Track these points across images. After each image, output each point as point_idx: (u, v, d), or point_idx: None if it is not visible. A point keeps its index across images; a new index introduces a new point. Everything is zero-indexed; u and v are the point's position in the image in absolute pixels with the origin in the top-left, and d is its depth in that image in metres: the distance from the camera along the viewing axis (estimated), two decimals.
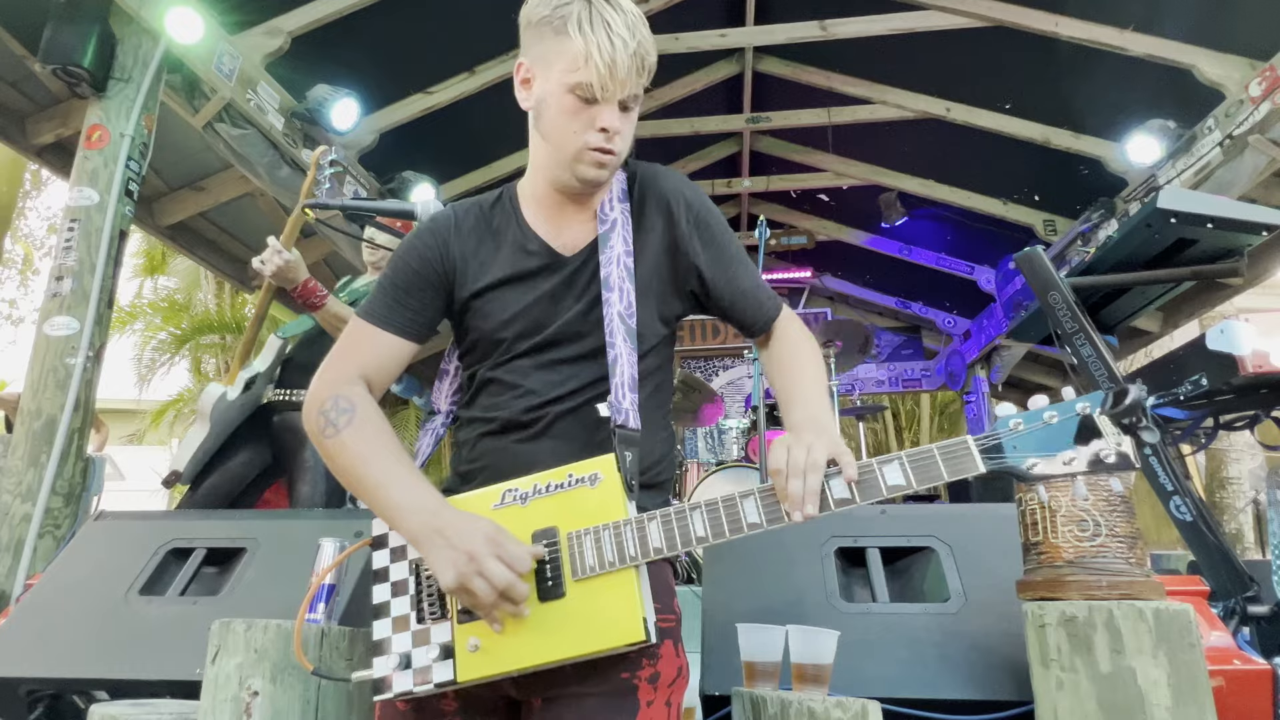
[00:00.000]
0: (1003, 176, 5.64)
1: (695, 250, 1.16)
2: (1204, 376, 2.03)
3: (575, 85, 1.04)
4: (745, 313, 1.21)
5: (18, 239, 11.97)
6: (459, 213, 1.19)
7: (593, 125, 1.05)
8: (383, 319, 1.13)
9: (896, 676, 1.42)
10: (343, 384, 1.08)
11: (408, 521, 0.97)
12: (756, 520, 0.94)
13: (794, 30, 4.92)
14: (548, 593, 0.94)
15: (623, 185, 1.18)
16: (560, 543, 0.96)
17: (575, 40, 1.03)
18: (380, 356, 1.12)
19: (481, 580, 0.90)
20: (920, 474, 0.92)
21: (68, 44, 3.15)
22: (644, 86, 1.08)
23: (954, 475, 0.91)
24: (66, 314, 3.01)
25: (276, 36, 3.96)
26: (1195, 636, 1.16)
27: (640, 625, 0.91)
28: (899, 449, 6.64)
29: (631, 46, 1.03)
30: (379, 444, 1.03)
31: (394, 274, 1.15)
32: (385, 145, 4.82)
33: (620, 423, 1.03)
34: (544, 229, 1.16)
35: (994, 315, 6.66)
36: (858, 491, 0.93)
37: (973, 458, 0.92)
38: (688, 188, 1.19)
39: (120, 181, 3.20)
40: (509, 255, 1.15)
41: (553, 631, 0.93)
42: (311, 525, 1.85)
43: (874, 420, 11.30)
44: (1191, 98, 4.13)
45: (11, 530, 2.80)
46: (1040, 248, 2.21)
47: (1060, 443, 0.91)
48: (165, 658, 1.58)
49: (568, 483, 0.99)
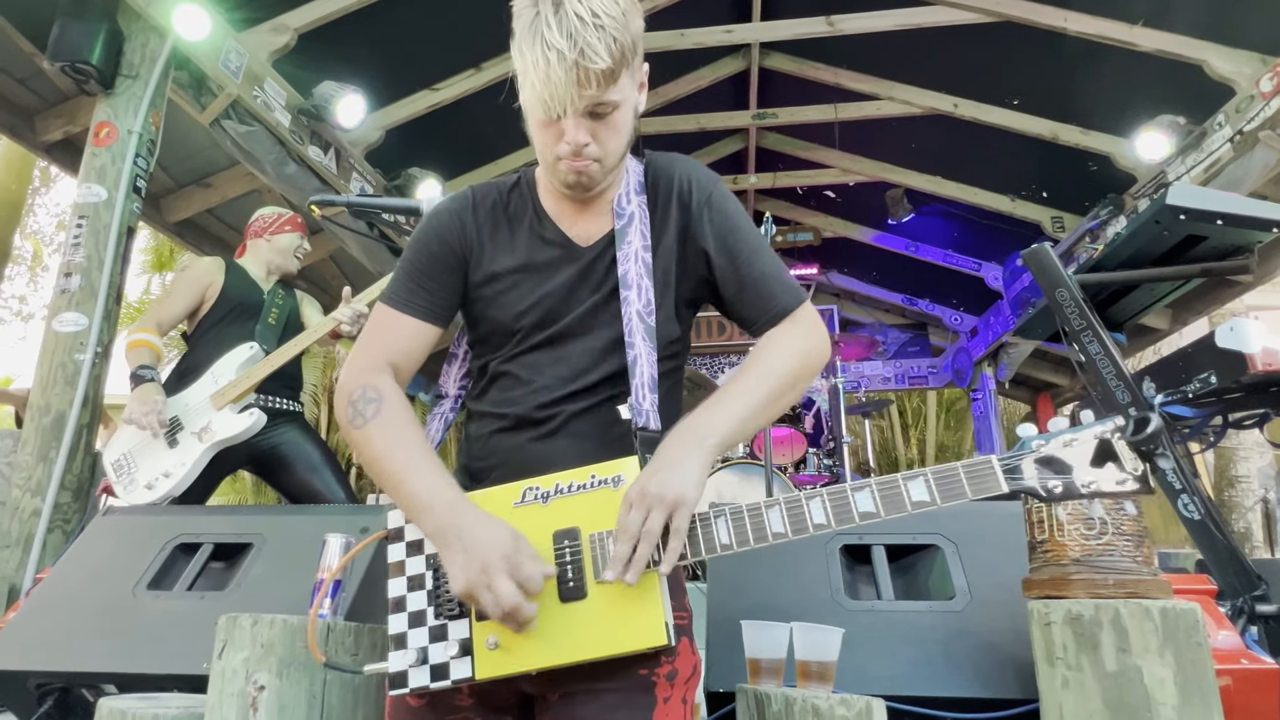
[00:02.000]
0: (1010, 173, 5.62)
1: (704, 233, 1.11)
2: (1213, 374, 2.02)
3: (531, 103, 1.01)
4: (751, 303, 1.11)
5: (27, 235, 12.05)
6: (477, 194, 1.17)
7: (560, 138, 1.02)
8: (404, 303, 1.12)
9: (901, 674, 1.41)
10: (371, 373, 1.08)
11: (426, 516, 0.96)
12: (781, 530, 0.94)
13: (800, 26, 4.90)
14: (569, 594, 0.94)
15: (639, 177, 1.15)
16: (582, 544, 0.96)
17: (517, 59, 0.99)
18: (404, 342, 1.12)
19: (489, 594, 0.90)
20: (945, 491, 0.93)
21: (76, 41, 3.17)
22: (607, 93, 0.98)
23: (977, 494, 0.93)
24: (75, 310, 3.03)
25: (283, 33, 3.97)
26: (1202, 635, 1.16)
27: (663, 629, 0.91)
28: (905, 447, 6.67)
29: (571, 58, 0.94)
30: (404, 436, 1.02)
31: (413, 256, 1.14)
32: (391, 142, 4.83)
33: (642, 424, 1.03)
34: (561, 217, 1.14)
35: (1001, 312, 6.63)
36: (882, 506, 0.93)
37: (996, 477, 0.93)
38: (700, 171, 1.16)
39: (128, 178, 3.21)
40: (525, 242, 1.13)
41: (573, 633, 0.93)
42: (317, 520, 1.86)
43: (880, 417, 11.29)
44: (1201, 93, 4.10)
45: (21, 525, 2.82)
46: (1048, 244, 2.19)
47: (1080, 465, 0.94)
48: (173, 652, 1.59)
49: (590, 483, 0.98)
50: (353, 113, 4.19)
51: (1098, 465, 0.92)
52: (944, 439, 11.56)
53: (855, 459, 8.14)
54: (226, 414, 2.64)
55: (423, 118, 4.83)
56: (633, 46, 0.99)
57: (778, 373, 1.04)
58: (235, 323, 2.84)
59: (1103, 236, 5.00)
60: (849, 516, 0.93)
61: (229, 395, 2.64)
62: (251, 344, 2.74)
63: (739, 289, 1.11)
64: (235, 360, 2.70)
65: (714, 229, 1.11)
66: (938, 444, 11.48)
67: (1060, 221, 5.55)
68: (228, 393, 2.64)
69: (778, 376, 1.04)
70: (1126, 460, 0.91)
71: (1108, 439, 0.93)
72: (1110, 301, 2.35)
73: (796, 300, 1.10)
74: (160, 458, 2.62)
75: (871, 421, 6.25)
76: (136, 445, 2.64)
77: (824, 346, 1.10)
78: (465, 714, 1.01)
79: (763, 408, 1.02)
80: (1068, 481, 0.93)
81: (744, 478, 4.18)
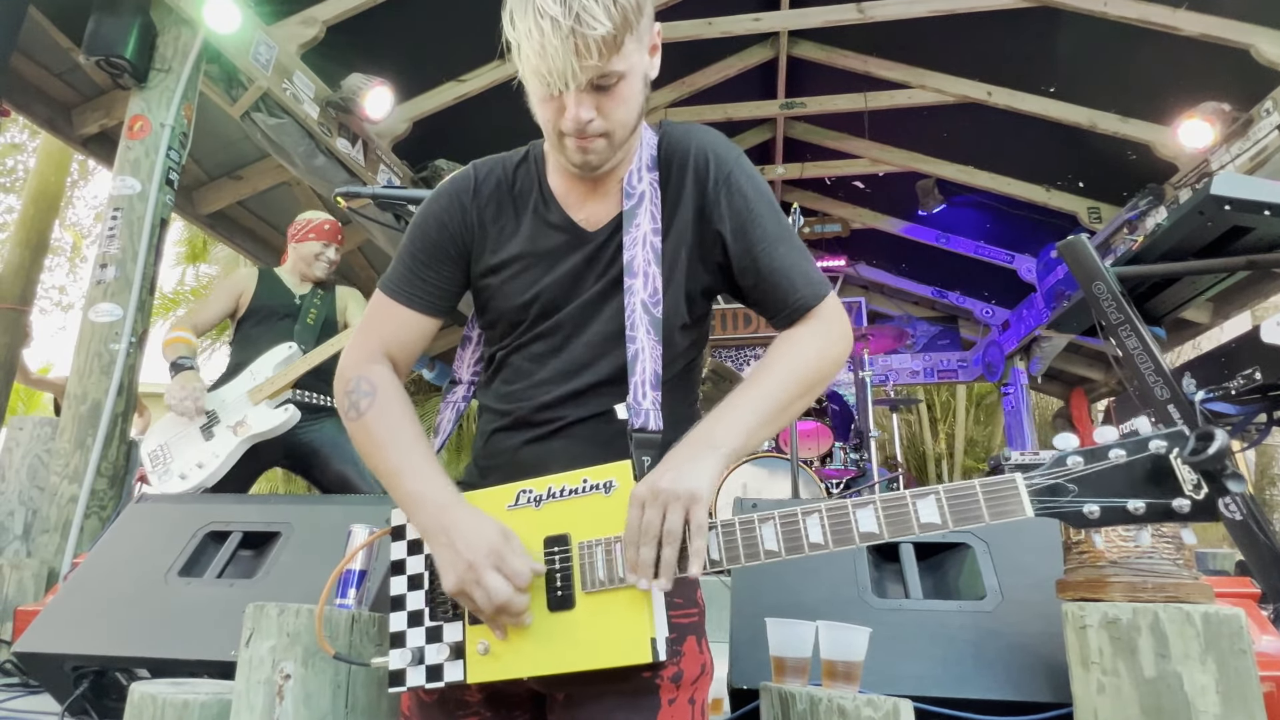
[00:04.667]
0: (1045, 162, 5.49)
1: (721, 216, 1.02)
2: (1258, 370, 1.95)
3: (528, 77, 0.94)
4: (769, 296, 1.03)
5: (66, 227, 12.34)
6: (479, 174, 1.11)
7: (562, 114, 0.94)
8: (402, 293, 1.08)
9: (929, 675, 1.39)
10: (366, 364, 1.06)
11: (418, 514, 0.96)
12: (775, 548, 0.89)
13: (830, 13, 4.82)
14: (557, 603, 0.92)
15: (653, 152, 1.07)
16: (572, 551, 0.93)
17: (510, 33, 0.91)
18: (401, 333, 1.09)
19: (480, 590, 0.89)
20: (958, 514, 0.84)
21: (110, 36, 3.22)
22: (610, 62, 0.90)
23: (997, 518, 0.83)
24: (110, 300, 3.09)
25: (311, 26, 4.00)
26: (1246, 642, 1.12)
27: (648, 647, 0.87)
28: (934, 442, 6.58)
29: (566, 25, 0.86)
30: (398, 429, 1.01)
31: (412, 243, 1.09)
32: (418, 133, 4.86)
33: (639, 425, 0.96)
34: (566, 198, 1.07)
35: (1034, 305, 6.50)
36: (886, 528, 0.86)
37: (1020, 500, 0.82)
38: (719, 145, 1.05)
39: (161, 171, 3.26)
40: (530, 227, 1.07)
41: (560, 642, 0.91)
42: (344, 510, 1.87)
43: (908, 412, 11.15)
44: (1248, 78, 3.97)
45: (60, 510, 2.89)
46: (1084, 235, 2.14)
47: (1128, 486, 0.81)
48: (203, 638, 1.62)
49: (582, 488, 0.94)
50: (380, 105, 4.22)
51: (1149, 486, 0.80)
52: (974, 434, 11.40)
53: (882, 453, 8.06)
54: (262, 409, 2.69)
55: (449, 109, 4.85)
56: (636, 7, 0.90)
57: (793, 378, 0.97)
58: (269, 326, 2.90)
59: (1141, 227, 4.87)
60: (849, 538, 0.86)
61: (266, 391, 2.69)
62: (290, 344, 2.80)
63: (756, 280, 1.03)
64: (274, 358, 2.76)
65: (732, 212, 1.02)
66: (967, 439, 11.32)
67: (1097, 212, 5.42)
68: (265, 389, 2.70)
69: (793, 382, 0.97)
70: (1185, 482, 0.79)
71: (1163, 455, 0.80)
72: (1149, 295, 2.28)
73: (818, 295, 1.02)
74: (195, 449, 2.67)
75: (899, 416, 6.17)
76: (174, 436, 2.70)
77: (846, 344, 1.03)
78: (476, 709, 1.00)
79: (775, 414, 0.96)
80: (1110, 506, 0.81)
81: (770, 472, 4.15)
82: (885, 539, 0.86)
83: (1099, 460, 0.82)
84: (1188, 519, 0.80)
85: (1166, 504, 0.80)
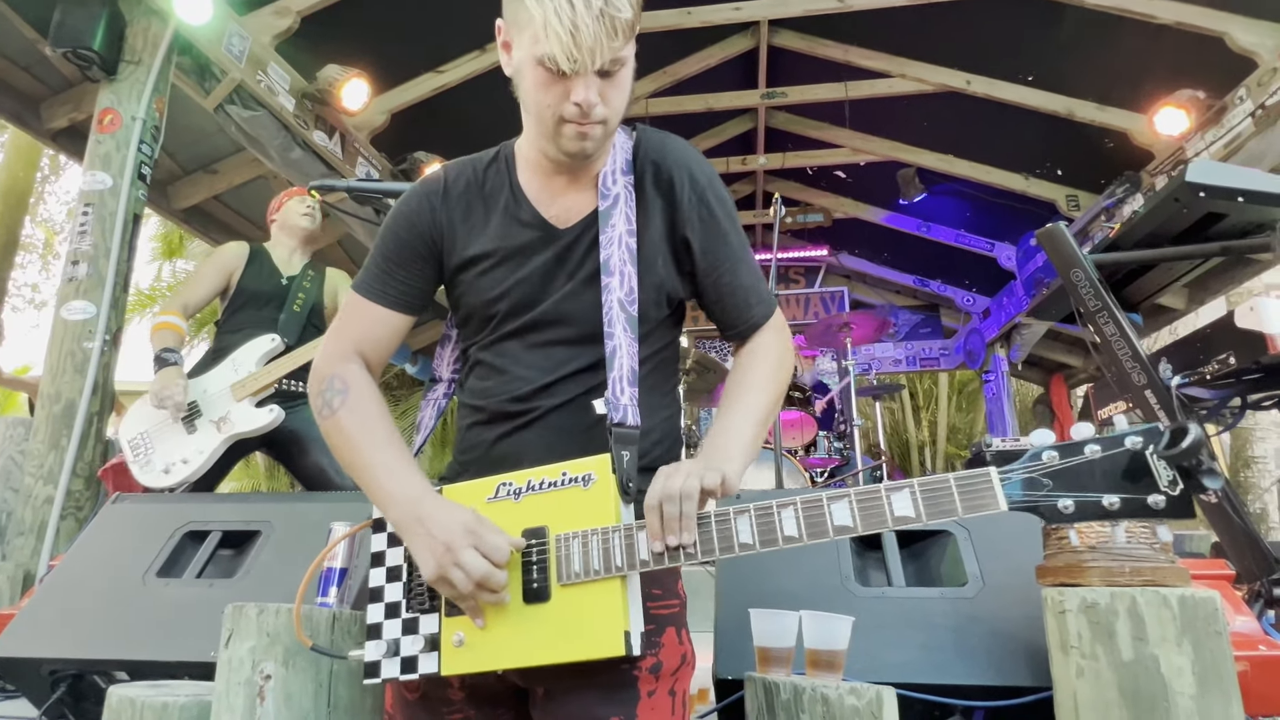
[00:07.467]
0: (1024, 151, 5.53)
1: (693, 229, 1.07)
2: (1232, 355, 1.97)
3: (541, 58, 0.93)
4: (728, 312, 1.12)
5: (38, 223, 12.11)
6: (449, 175, 1.12)
7: (567, 98, 0.95)
8: (374, 291, 1.10)
9: (912, 661, 1.40)
10: (339, 361, 1.07)
11: (392, 510, 0.96)
12: (749, 541, 0.90)
13: (811, 2, 4.81)
14: (533, 595, 0.92)
15: (627, 155, 1.09)
16: (549, 544, 0.93)
17: (534, 8, 0.91)
18: (374, 331, 1.10)
19: (458, 570, 0.89)
20: (932, 507, 0.85)
21: (77, 27, 3.15)
22: (624, 48, 0.94)
23: (970, 511, 0.84)
24: (83, 298, 3.03)
25: (285, 16, 3.93)
26: (1222, 624, 1.13)
27: (620, 640, 0.87)
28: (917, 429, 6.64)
29: (597, 5, 0.89)
30: (370, 427, 1.01)
31: (384, 243, 1.11)
32: (397, 125, 4.79)
33: (618, 420, 0.98)
34: (538, 196, 1.08)
35: (1014, 293, 6.56)
36: (860, 521, 0.87)
37: (994, 493, 0.83)
38: (696, 161, 1.10)
39: (133, 165, 3.20)
40: (500, 225, 1.08)
41: (534, 634, 0.91)
42: (324, 508, 1.86)
43: (891, 400, 11.23)
44: (1222, 67, 4.00)
45: (35, 512, 2.84)
46: (1063, 223, 2.15)
47: (1104, 481, 0.82)
48: (183, 640, 1.60)
49: (561, 481, 0.95)
50: (357, 96, 4.17)
51: (1125, 482, 0.80)
52: (955, 421, 11.51)
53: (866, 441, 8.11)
54: (246, 407, 2.65)
55: (428, 100, 4.79)
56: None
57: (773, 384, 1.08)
58: (255, 309, 2.86)
59: (1119, 215, 4.92)
60: (824, 532, 0.87)
61: (250, 388, 2.65)
62: (273, 336, 2.76)
63: (718, 295, 1.11)
64: (256, 351, 2.72)
65: (704, 229, 1.08)
66: (949, 426, 11.43)
67: (1075, 200, 5.46)
68: (248, 385, 2.66)
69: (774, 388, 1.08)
70: (1161, 477, 0.79)
71: (1139, 452, 0.80)
72: (1126, 281, 2.31)
73: (769, 311, 1.13)
74: (178, 443, 2.63)
75: (882, 404, 6.21)
76: (154, 426, 2.66)
77: (792, 350, 1.15)
78: (459, 707, 1.00)
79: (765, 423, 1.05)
80: (1085, 501, 0.81)
81: (755, 462, 4.16)
82: (859, 532, 0.87)
83: (1074, 455, 0.83)
84: (1163, 515, 0.80)
85: (1142, 499, 0.80)
